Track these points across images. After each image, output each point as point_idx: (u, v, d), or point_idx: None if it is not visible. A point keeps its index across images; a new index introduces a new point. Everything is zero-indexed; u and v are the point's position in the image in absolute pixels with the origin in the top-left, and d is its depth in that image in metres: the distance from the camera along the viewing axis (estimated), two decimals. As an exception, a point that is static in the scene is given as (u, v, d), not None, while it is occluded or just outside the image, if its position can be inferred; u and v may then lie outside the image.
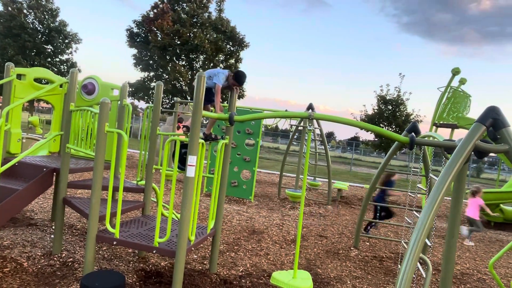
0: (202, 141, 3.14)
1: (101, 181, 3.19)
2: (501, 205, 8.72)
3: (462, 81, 10.19)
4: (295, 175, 11.45)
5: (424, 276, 3.59)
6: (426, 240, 4.99)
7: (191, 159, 2.94)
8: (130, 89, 19.70)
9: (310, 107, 8.34)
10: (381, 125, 16.65)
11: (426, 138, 4.12)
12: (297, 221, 6.79)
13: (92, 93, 4.80)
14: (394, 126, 16.22)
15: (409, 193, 5.02)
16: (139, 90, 19.76)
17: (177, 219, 4.38)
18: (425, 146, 5.05)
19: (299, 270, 3.43)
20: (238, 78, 3.88)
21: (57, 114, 4.66)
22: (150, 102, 19.99)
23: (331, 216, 7.68)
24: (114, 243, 3.16)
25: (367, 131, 15.54)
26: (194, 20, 18.29)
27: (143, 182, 4.26)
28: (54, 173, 3.98)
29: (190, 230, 3.12)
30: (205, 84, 3.03)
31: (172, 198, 3.04)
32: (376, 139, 18.88)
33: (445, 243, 2.95)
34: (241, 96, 20.73)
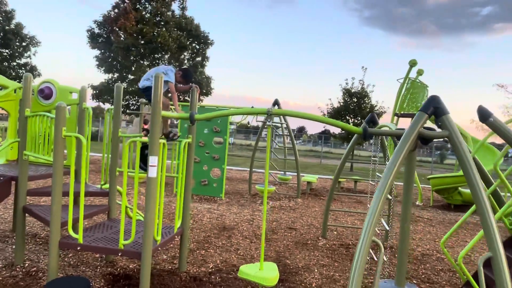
0: (164, 141, 3.16)
1: (61, 187, 3.15)
2: (460, 188, 9.22)
3: (420, 72, 10.63)
4: (275, 171, 11.61)
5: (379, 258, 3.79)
6: (385, 224, 5.23)
7: (152, 160, 2.95)
8: (94, 92, 19.15)
9: (276, 102, 8.47)
10: (347, 117, 17.13)
11: (383, 128, 4.31)
12: (269, 216, 6.91)
13: (50, 97, 4.68)
14: (360, 118, 16.73)
15: (370, 182, 5.24)
16: (104, 92, 19.17)
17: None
18: (383, 136, 5.29)
19: (266, 262, 3.53)
20: (186, 76, 3.92)
21: (12, 121, 4.51)
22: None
23: (300, 208, 7.86)
24: (78, 248, 3.13)
25: (321, 123, 15.89)
26: (158, 19, 18.01)
27: (107, 185, 4.21)
28: (13, 182, 3.87)
29: (155, 230, 3.14)
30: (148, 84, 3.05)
31: (135, 199, 3.04)
32: (343, 132, 19.35)
33: (400, 227, 3.14)
34: (208, 93, 20.65)
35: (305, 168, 17.81)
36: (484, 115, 2.55)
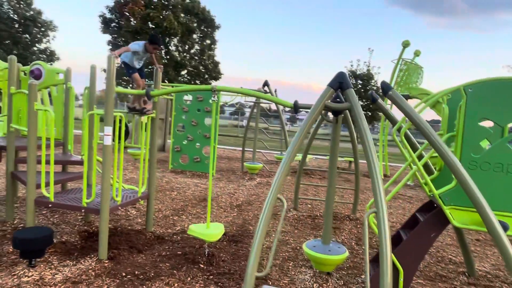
0: (120, 113, 3.61)
1: (35, 154, 3.67)
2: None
3: (417, 53, 10.63)
4: (269, 151, 12.03)
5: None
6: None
7: (107, 130, 3.41)
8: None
9: (266, 84, 8.80)
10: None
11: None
12: (251, 190, 7.36)
13: (39, 78, 5.20)
14: (364, 100, 16.78)
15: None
16: (117, 76, 19.89)
17: (123, 187, 4.90)
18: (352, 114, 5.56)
19: (215, 223, 3.99)
20: (152, 41, 4.23)
21: (5, 98, 5.08)
22: (129, 87, 20.25)
23: (286, 185, 8.25)
24: (50, 205, 3.67)
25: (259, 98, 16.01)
26: (166, 2, 18.41)
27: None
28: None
29: (114, 192, 3.64)
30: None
31: (94, 164, 3.53)
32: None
33: (326, 191, 3.50)
34: (217, 77, 21.05)
35: (311, 150, 18.04)
36: (384, 89, 2.85)
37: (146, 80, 4.87)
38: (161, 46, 4.73)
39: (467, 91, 2.83)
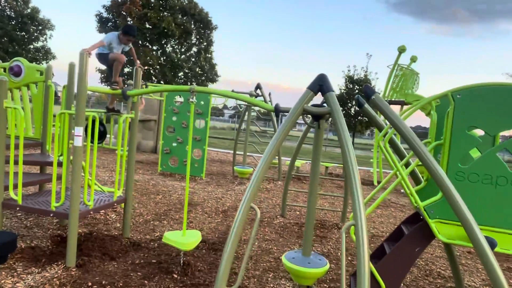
0: (94, 114, 3.44)
1: (4, 154, 3.48)
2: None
3: (413, 59, 10.46)
4: (259, 155, 11.85)
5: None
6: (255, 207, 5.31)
7: (77, 130, 3.24)
8: (102, 76, 19.78)
9: (258, 86, 8.65)
10: (349, 104, 17.09)
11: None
12: (240, 196, 7.18)
13: (19, 75, 5.03)
14: (361, 106, 16.67)
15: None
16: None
17: (101, 190, 4.72)
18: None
19: (192, 230, 3.81)
20: (126, 32, 4.00)
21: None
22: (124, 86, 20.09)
23: (276, 190, 8.07)
24: (18, 208, 3.49)
25: (237, 99, 15.94)
26: (164, 2, 18.26)
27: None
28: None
29: (85, 196, 3.46)
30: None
31: (64, 166, 3.35)
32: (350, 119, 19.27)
33: (307, 199, 3.33)
34: (213, 80, 20.90)
35: (304, 154, 17.89)
36: (367, 93, 2.69)
37: (126, 79, 4.70)
38: (135, 37, 4.40)
39: (455, 97, 2.67)
